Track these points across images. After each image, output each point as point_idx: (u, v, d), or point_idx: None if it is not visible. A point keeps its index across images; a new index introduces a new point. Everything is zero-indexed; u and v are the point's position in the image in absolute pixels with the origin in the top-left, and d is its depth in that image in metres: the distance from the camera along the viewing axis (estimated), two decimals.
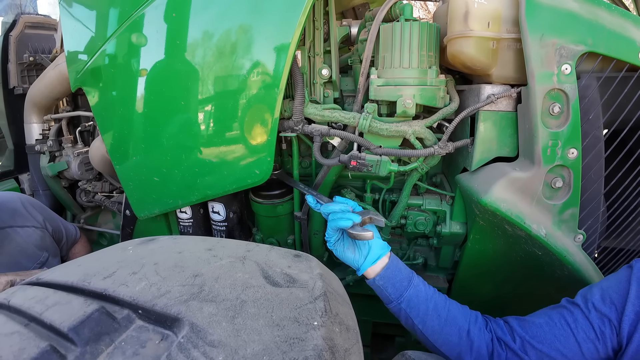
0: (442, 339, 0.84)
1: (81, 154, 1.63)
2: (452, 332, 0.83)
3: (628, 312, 0.69)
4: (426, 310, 0.85)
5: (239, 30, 0.93)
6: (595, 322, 0.72)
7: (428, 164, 1.05)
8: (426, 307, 0.85)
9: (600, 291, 0.74)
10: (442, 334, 0.84)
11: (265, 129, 0.97)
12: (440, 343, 0.84)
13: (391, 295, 0.87)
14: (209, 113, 0.99)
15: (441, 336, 0.84)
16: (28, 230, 1.27)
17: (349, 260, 0.93)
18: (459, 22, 0.86)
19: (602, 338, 0.71)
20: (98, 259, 0.62)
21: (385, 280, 0.88)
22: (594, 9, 0.81)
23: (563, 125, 0.84)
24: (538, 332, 0.77)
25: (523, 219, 0.88)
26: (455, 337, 0.83)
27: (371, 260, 0.89)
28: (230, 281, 0.55)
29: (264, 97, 0.94)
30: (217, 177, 1.05)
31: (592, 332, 0.72)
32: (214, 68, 0.96)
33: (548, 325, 0.76)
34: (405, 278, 0.89)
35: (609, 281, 0.76)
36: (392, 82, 0.94)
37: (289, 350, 0.45)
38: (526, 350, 0.76)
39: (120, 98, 1.07)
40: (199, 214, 1.26)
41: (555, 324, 0.76)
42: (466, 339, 0.82)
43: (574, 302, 0.77)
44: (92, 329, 0.45)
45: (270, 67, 0.92)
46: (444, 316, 0.85)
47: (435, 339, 0.84)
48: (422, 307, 0.85)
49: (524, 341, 0.77)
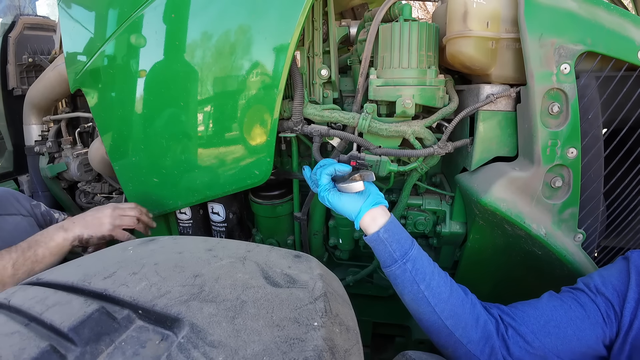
0: (449, 310, 0.76)
1: (80, 155, 1.63)
2: (457, 303, 0.76)
3: (630, 299, 0.69)
4: (432, 273, 0.78)
5: (238, 31, 0.93)
6: (601, 306, 0.71)
7: (427, 164, 1.05)
8: (432, 270, 0.78)
9: (601, 278, 0.74)
10: (449, 303, 0.76)
11: (265, 129, 0.97)
12: (446, 314, 0.76)
13: (395, 253, 0.79)
14: (208, 114, 0.99)
15: (448, 305, 0.76)
16: (16, 218, 1.27)
17: (347, 207, 0.83)
18: (458, 22, 0.86)
19: (609, 322, 0.71)
20: (98, 259, 0.62)
21: (390, 234, 0.79)
22: (592, 8, 0.81)
23: (562, 124, 0.84)
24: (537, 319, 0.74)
25: (523, 219, 0.88)
26: (460, 308, 0.76)
27: (370, 203, 0.82)
28: (230, 281, 0.55)
29: (263, 97, 0.94)
30: (216, 178, 1.05)
31: (599, 316, 0.71)
32: (213, 69, 0.96)
33: (561, 308, 0.74)
34: (408, 236, 0.82)
35: (608, 270, 0.76)
36: (392, 82, 0.95)
37: (289, 351, 0.45)
38: (532, 339, 0.73)
39: (120, 99, 1.07)
40: (198, 215, 1.26)
41: (569, 307, 0.73)
42: (471, 310, 0.76)
43: (577, 287, 0.77)
44: (92, 329, 0.45)
45: (270, 67, 0.92)
46: (448, 284, 0.78)
47: (442, 308, 0.76)
48: (428, 270, 0.78)
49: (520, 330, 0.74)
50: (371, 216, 0.82)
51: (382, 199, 0.86)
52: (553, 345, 0.71)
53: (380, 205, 0.84)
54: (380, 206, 0.84)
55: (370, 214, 0.83)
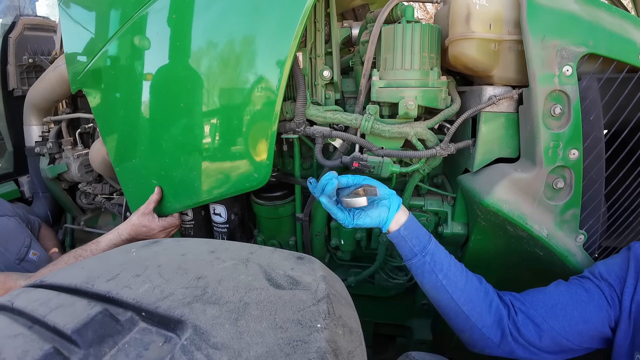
0: (465, 297, 0.83)
1: (81, 156, 1.63)
2: (472, 290, 0.84)
3: (628, 285, 0.74)
4: (449, 264, 0.85)
5: (239, 32, 0.93)
6: (605, 290, 0.76)
7: (430, 165, 1.05)
8: (449, 262, 0.86)
9: (606, 266, 0.79)
10: (465, 291, 0.83)
11: (264, 132, 0.96)
12: (463, 300, 0.83)
13: (415, 247, 0.86)
14: (208, 115, 0.99)
15: (464, 293, 0.83)
16: (3, 219, 1.31)
17: (374, 222, 0.88)
18: (461, 23, 0.86)
19: (613, 304, 0.75)
20: (101, 262, 0.62)
21: (410, 231, 0.87)
22: (594, 10, 0.81)
23: (564, 126, 0.84)
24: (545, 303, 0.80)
25: (525, 220, 0.88)
26: (475, 295, 0.83)
27: (395, 208, 0.87)
28: (233, 283, 0.55)
29: (264, 99, 0.94)
30: (215, 181, 1.05)
31: (603, 299, 0.75)
32: (214, 70, 0.96)
33: (567, 293, 0.79)
34: (426, 232, 0.89)
35: (612, 259, 0.81)
36: (394, 84, 0.95)
37: (292, 353, 0.45)
38: (540, 321, 0.78)
39: (121, 100, 1.07)
40: (200, 216, 1.26)
41: (575, 291, 0.78)
42: (485, 297, 0.83)
43: (583, 275, 0.82)
44: (96, 332, 0.45)
45: (271, 68, 0.92)
46: (464, 274, 0.85)
47: (459, 295, 0.83)
48: (445, 262, 0.85)
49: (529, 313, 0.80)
50: (395, 218, 0.88)
51: (398, 200, 0.90)
52: (560, 327, 0.77)
53: (400, 209, 0.89)
54: (400, 209, 0.89)
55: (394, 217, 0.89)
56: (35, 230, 1.51)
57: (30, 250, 1.30)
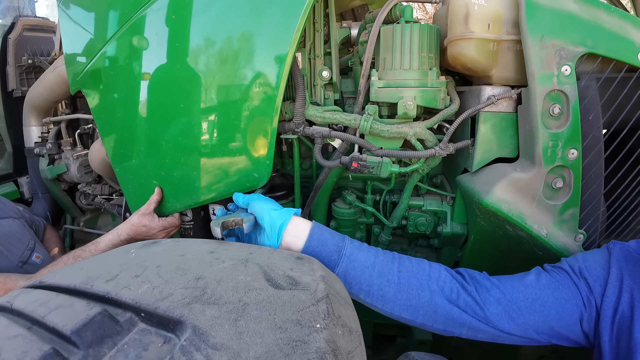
0: (400, 305, 0.75)
1: (80, 156, 1.63)
2: (409, 296, 0.74)
3: (608, 294, 0.70)
4: (369, 279, 0.75)
5: (238, 32, 0.93)
6: (583, 291, 0.72)
7: (429, 165, 1.05)
8: (369, 276, 0.75)
9: (586, 262, 0.75)
10: (398, 300, 0.74)
11: (264, 132, 0.97)
12: (399, 309, 0.75)
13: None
14: (208, 116, 0.99)
15: (397, 303, 0.75)
16: (8, 221, 1.31)
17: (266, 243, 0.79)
18: (460, 23, 0.86)
19: (589, 306, 0.71)
20: (100, 262, 0.62)
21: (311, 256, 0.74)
22: (593, 10, 0.82)
23: (563, 126, 0.84)
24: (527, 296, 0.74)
25: (524, 220, 0.89)
26: (416, 299, 0.74)
27: (274, 234, 0.77)
28: (232, 284, 0.55)
29: (263, 99, 0.94)
30: (215, 181, 1.05)
31: (580, 299, 0.72)
32: (213, 70, 0.96)
33: (549, 288, 0.74)
34: (334, 251, 0.76)
35: (593, 256, 0.77)
36: (393, 84, 0.95)
37: (292, 353, 0.45)
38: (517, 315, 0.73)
39: (120, 100, 1.07)
40: (199, 216, 1.26)
41: (557, 287, 0.74)
42: (430, 299, 0.74)
43: (561, 267, 0.77)
44: (95, 332, 0.45)
45: (270, 69, 0.92)
46: (394, 281, 0.75)
47: (392, 306, 0.75)
48: (364, 278, 0.75)
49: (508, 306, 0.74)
50: (289, 243, 0.77)
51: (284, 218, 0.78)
52: (535, 322, 0.73)
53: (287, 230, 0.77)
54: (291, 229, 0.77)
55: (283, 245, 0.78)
56: (40, 232, 1.51)
57: (34, 253, 1.29)
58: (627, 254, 0.74)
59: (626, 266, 0.72)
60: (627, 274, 0.71)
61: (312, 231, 0.77)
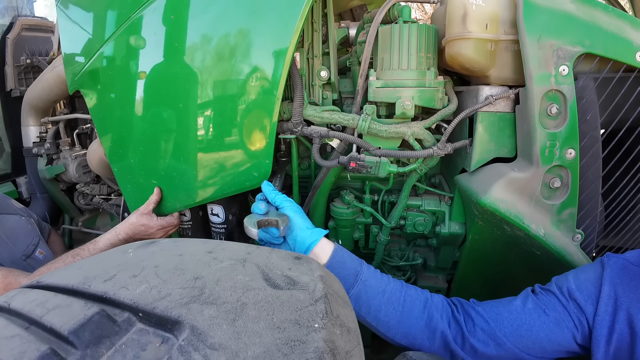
0: (401, 332, 0.79)
1: (79, 156, 1.63)
2: (410, 324, 0.79)
3: (601, 312, 0.69)
4: (378, 305, 0.80)
5: (237, 33, 0.93)
6: (572, 312, 0.72)
7: (427, 165, 1.05)
8: (378, 302, 0.80)
9: (577, 282, 0.74)
10: (400, 328, 0.79)
11: (264, 131, 0.97)
12: (399, 337, 0.79)
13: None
14: (207, 115, 0.99)
15: (399, 330, 0.79)
16: (15, 217, 1.34)
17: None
18: (457, 23, 0.86)
19: (580, 326, 0.71)
20: (98, 262, 0.61)
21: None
22: (591, 10, 0.82)
23: (561, 125, 0.85)
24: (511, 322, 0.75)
25: (522, 219, 0.89)
26: (415, 328, 0.79)
27: (300, 251, 0.82)
28: (230, 284, 0.55)
29: (263, 99, 0.94)
30: (215, 180, 1.05)
31: (570, 321, 0.71)
32: (212, 71, 0.96)
33: (534, 312, 0.74)
34: (352, 274, 0.82)
35: (585, 273, 0.75)
36: (391, 84, 0.95)
37: (290, 353, 0.45)
38: (503, 341, 0.74)
39: (119, 100, 1.07)
40: (198, 216, 1.26)
41: (542, 311, 0.73)
42: (426, 326, 0.78)
43: (550, 290, 0.77)
44: (93, 332, 0.45)
45: (269, 69, 0.92)
46: (399, 309, 0.79)
47: (394, 333, 0.79)
48: (374, 303, 0.80)
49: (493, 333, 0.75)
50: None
51: (313, 239, 0.83)
52: (524, 345, 0.73)
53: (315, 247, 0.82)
54: (317, 249, 0.82)
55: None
56: (45, 236, 1.52)
57: (38, 249, 1.32)
58: (623, 267, 0.71)
59: (620, 282, 0.69)
60: (622, 291, 0.68)
61: (335, 253, 0.83)
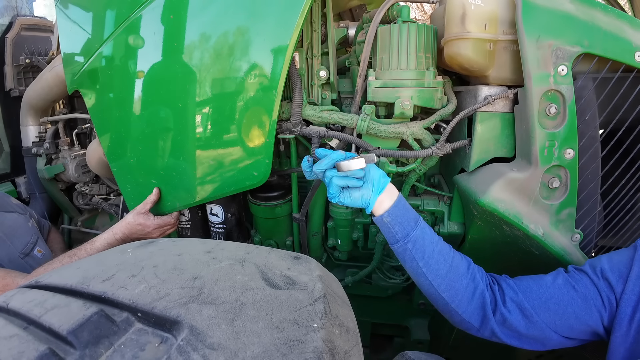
0: (446, 284, 0.83)
1: (78, 156, 1.62)
2: (455, 278, 0.83)
3: (628, 291, 0.71)
4: (432, 252, 0.84)
5: (236, 33, 0.93)
6: (603, 291, 0.74)
7: (426, 164, 1.05)
8: (432, 250, 0.85)
9: (610, 263, 0.76)
10: (447, 279, 0.83)
11: (263, 130, 0.97)
12: (443, 288, 0.83)
13: (398, 234, 0.85)
14: (206, 115, 0.99)
15: (445, 280, 0.83)
16: (13, 215, 1.33)
17: (357, 200, 0.87)
18: (456, 24, 0.86)
19: (609, 306, 0.73)
20: (97, 262, 0.62)
21: (392, 218, 0.85)
22: (589, 10, 0.82)
23: (559, 125, 0.85)
24: (540, 295, 0.78)
25: (521, 219, 0.89)
26: (458, 282, 0.83)
27: (378, 189, 0.86)
28: (229, 283, 0.55)
29: (262, 99, 0.94)
30: (214, 180, 1.05)
31: (599, 299, 0.74)
32: (211, 70, 0.96)
33: (564, 287, 0.77)
34: (413, 218, 0.87)
35: (618, 255, 0.78)
36: (390, 84, 0.95)
37: (289, 353, 0.45)
38: (531, 314, 0.77)
39: (118, 100, 1.07)
40: (197, 216, 1.26)
41: (572, 287, 0.76)
42: (468, 284, 0.83)
43: (583, 269, 0.79)
44: (91, 332, 0.45)
45: (268, 69, 0.92)
46: (449, 261, 0.84)
47: (439, 283, 0.83)
48: (428, 249, 0.84)
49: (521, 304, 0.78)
50: (379, 202, 0.87)
51: (385, 182, 0.87)
52: (551, 320, 0.76)
53: (385, 189, 0.87)
54: (386, 190, 0.87)
55: (377, 200, 0.87)
56: (44, 233, 1.52)
57: (36, 247, 1.32)
58: None
59: None
60: None
61: (400, 197, 0.88)
